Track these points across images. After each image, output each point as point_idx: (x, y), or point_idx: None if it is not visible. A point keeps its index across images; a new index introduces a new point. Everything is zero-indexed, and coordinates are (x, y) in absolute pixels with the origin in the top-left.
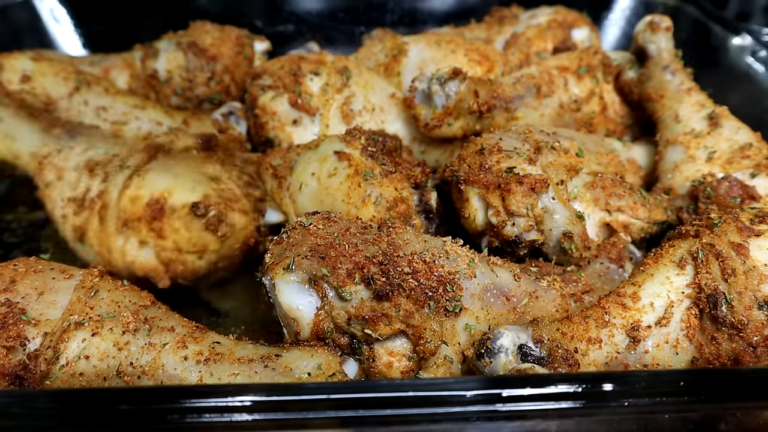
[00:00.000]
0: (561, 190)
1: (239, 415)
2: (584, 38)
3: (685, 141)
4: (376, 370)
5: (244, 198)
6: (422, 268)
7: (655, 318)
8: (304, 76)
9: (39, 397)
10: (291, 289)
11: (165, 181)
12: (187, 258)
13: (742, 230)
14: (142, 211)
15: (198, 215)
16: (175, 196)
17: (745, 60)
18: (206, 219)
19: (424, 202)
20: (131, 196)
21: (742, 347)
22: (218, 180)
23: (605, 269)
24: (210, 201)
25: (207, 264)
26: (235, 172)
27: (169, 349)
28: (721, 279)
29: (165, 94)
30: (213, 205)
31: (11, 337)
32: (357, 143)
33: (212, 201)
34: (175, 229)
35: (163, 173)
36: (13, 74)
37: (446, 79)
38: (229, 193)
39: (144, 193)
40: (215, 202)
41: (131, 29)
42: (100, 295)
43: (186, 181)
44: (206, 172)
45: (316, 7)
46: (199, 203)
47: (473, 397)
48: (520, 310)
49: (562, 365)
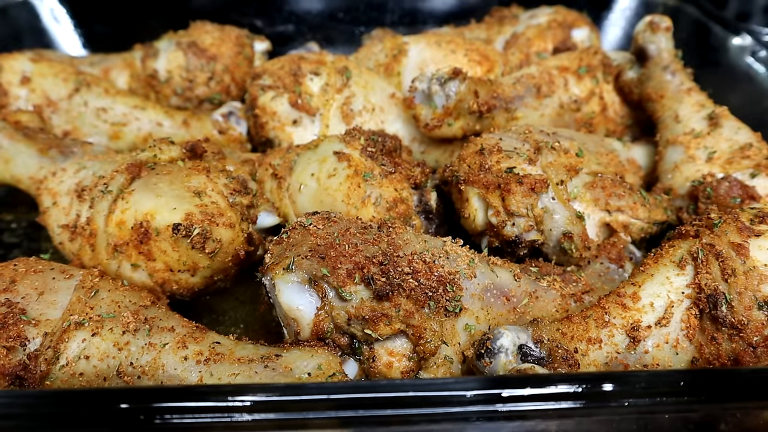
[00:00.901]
0: (561, 190)
1: (239, 415)
2: (584, 38)
3: (685, 141)
4: (376, 370)
5: (230, 210)
6: (422, 268)
7: (655, 318)
8: (304, 76)
9: (39, 397)
10: (291, 289)
11: (148, 203)
12: (181, 277)
13: (742, 230)
14: (129, 235)
15: (182, 235)
16: (158, 218)
17: (745, 60)
18: (191, 238)
19: (423, 202)
20: (117, 221)
21: (742, 347)
22: (202, 194)
23: (605, 269)
24: (193, 219)
25: (202, 280)
26: (222, 180)
27: (169, 349)
28: (721, 279)
29: (165, 94)
30: (196, 223)
31: (11, 337)
32: (357, 143)
33: (195, 219)
34: (163, 251)
35: (146, 193)
36: (12, 75)
37: (446, 79)
38: (213, 208)
39: (128, 216)
40: (198, 220)
41: (131, 29)
42: (100, 295)
43: (168, 200)
44: (190, 185)
45: (316, 7)
46: (180, 224)
47: (473, 397)
48: (520, 310)
49: (562, 365)
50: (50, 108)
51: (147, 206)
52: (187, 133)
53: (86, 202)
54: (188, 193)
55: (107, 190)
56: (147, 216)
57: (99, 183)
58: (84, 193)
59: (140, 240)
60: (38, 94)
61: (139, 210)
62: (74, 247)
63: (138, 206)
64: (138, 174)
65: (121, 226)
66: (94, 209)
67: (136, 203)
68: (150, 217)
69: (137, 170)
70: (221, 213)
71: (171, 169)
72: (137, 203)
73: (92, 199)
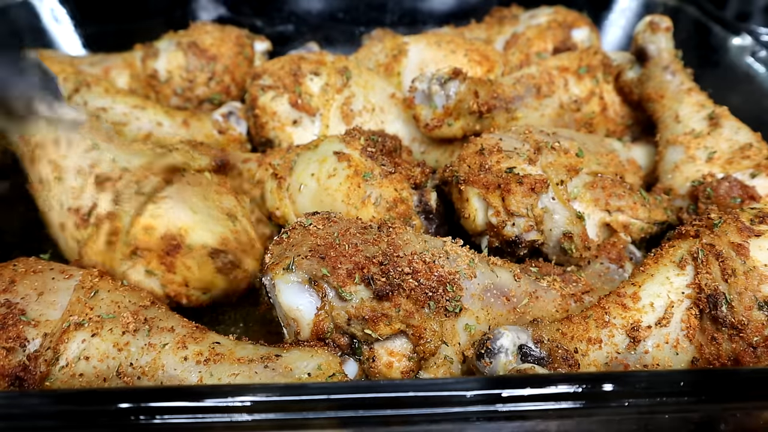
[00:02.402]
0: (561, 191)
1: (239, 416)
2: (584, 38)
3: (685, 141)
4: (376, 370)
5: (258, 241)
6: (422, 268)
7: (655, 318)
8: (304, 76)
9: (40, 398)
10: (291, 289)
11: (183, 216)
12: (192, 293)
13: (742, 230)
14: (155, 243)
15: (214, 259)
16: (193, 236)
17: (745, 60)
18: (222, 263)
19: (423, 202)
20: (145, 225)
21: (742, 347)
22: (234, 218)
23: (605, 269)
24: (228, 245)
25: (210, 299)
26: (247, 203)
27: (169, 350)
28: (721, 279)
29: (165, 94)
30: (230, 249)
31: (11, 338)
32: (356, 144)
33: (230, 246)
34: (187, 267)
35: (180, 204)
36: None
37: (446, 79)
38: (245, 237)
39: (159, 224)
40: (233, 248)
41: (131, 29)
42: (99, 295)
43: (204, 218)
44: (222, 206)
45: (316, 7)
46: (217, 249)
47: (473, 398)
48: (520, 311)
49: (562, 365)
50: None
51: (182, 220)
52: (187, 133)
53: (107, 194)
54: (222, 214)
55: (139, 191)
56: (181, 230)
57: (125, 177)
58: (106, 183)
59: (167, 251)
60: None
61: (173, 221)
62: (79, 235)
63: (172, 217)
64: (170, 180)
65: (149, 231)
66: (120, 206)
67: (170, 213)
68: (184, 231)
69: (171, 175)
70: (252, 244)
71: (200, 180)
72: (171, 213)
73: (117, 193)
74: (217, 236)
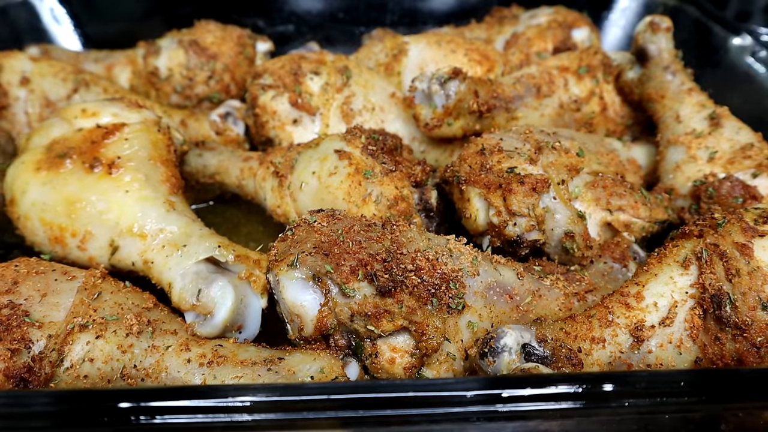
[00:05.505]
0: (562, 190)
1: (239, 416)
2: (584, 38)
3: (686, 141)
4: (378, 365)
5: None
6: (425, 265)
7: (659, 318)
8: (304, 76)
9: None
10: (295, 285)
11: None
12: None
13: (746, 230)
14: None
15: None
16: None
17: (745, 60)
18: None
19: (424, 200)
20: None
21: (745, 348)
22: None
23: (609, 269)
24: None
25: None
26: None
27: (172, 352)
28: (725, 279)
29: (165, 91)
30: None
31: (15, 339)
32: (357, 142)
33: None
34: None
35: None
36: (12, 75)
37: (446, 79)
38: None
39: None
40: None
41: (131, 30)
42: (103, 297)
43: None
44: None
45: (316, 7)
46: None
47: (473, 398)
48: (523, 309)
49: (566, 364)
50: (49, 109)
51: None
52: (185, 133)
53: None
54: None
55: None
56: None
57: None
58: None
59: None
60: (37, 95)
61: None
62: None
63: None
64: None
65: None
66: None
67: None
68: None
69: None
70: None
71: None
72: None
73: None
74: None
